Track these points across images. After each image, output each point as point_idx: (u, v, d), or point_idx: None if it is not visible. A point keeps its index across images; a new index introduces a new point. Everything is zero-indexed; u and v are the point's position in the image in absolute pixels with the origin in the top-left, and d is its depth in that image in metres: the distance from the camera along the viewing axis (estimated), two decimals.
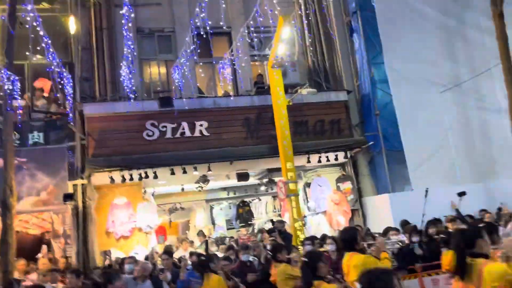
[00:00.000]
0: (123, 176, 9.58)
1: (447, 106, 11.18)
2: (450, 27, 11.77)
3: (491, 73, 10.91)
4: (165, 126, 10.09)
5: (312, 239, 7.91)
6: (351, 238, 4.61)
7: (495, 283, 3.19)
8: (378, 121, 11.23)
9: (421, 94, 11.11)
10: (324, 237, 8.06)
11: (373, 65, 11.64)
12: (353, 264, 4.45)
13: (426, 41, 11.47)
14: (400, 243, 7.47)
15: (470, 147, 11.14)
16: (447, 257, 5.19)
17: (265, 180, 12.43)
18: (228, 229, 14.96)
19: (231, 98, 10.66)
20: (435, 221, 8.14)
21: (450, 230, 7.53)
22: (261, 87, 11.40)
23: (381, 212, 10.50)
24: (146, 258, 8.33)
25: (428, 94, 11.15)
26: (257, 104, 10.78)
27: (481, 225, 4.55)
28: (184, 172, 9.95)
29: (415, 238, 7.37)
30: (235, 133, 10.50)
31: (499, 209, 9.27)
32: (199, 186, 12.25)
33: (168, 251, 8.15)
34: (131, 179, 9.64)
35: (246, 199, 14.72)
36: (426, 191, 8.70)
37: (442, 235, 5.90)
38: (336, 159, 10.89)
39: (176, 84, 10.40)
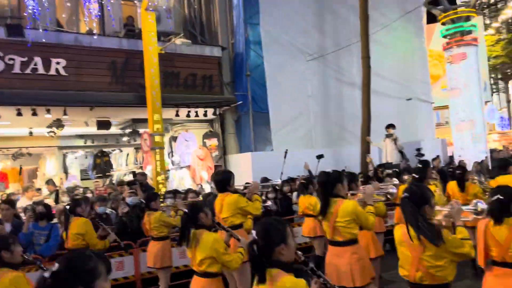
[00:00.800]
0: None
1: (311, 74, 11.92)
2: None
3: (351, 49, 11.92)
4: (13, 59, 8.70)
5: (174, 192, 7.85)
6: (225, 180, 4.89)
7: (346, 218, 3.83)
8: (249, 82, 11.44)
9: (290, 60, 11.60)
10: (188, 191, 8.05)
11: (249, 25, 11.68)
12: (226, 202, 4.74)
13: (300, 10, 11.90)
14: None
15: (326, 115, 12.15)
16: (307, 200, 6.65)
17: (128, 131, 11.79)
18: (82, 179, 13.97)
19: (95, 37, 9.64)
20: (290, 180, 8.82)
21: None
22: (132, 30, 10.55)
23: (243, 169, 10.89)
24: None
25: (296, 61, 11.71)
26: (125, 47, 9.98)
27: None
28: (34, 114, 8.81)
29: (271, 195, 7.90)
30: (98, 77, 9.60)
31: (343, 170, 10.41)
32: (52, 131, 11.03)
33: (9, 200, 7.21)
34: None
35: (106, 149, 13.85)
36: (286, 152, 9.24)
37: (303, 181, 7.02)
38: (205, 115, 10.84)
39: (30, 11, 8.95)
